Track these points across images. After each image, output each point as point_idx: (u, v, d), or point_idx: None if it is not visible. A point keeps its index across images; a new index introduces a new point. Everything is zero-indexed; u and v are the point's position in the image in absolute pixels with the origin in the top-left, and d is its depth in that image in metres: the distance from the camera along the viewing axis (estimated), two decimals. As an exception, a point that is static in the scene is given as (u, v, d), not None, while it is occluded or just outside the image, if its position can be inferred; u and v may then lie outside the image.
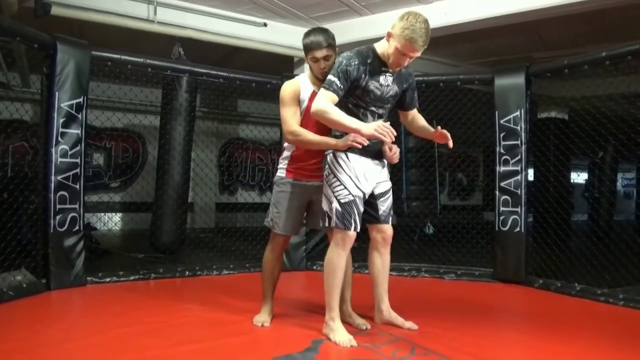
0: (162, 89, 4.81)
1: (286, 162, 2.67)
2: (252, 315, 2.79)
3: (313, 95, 2.55)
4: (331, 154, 2.50)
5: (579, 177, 9.15)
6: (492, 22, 4.45)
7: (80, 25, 4.98)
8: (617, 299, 3.39)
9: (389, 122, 2.34)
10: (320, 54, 2.55)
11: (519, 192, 3.98)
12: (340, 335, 2.39)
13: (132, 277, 3.90)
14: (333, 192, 2.46)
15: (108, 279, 3.79)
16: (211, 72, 4.40)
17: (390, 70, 2.50)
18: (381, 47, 2.48)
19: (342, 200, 2.44)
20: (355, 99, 2.49)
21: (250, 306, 3.11)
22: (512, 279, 4.00)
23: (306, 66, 2.76)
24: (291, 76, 4.88)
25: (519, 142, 4.00)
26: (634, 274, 3.94)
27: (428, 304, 2.79)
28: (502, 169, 4.06)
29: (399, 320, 2.71)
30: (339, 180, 2.46)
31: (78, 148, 3.59)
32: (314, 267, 4.48)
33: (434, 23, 4.62)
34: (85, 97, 3.65)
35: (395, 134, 2.29)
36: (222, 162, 9.00)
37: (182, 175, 4.67)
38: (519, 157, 3.99)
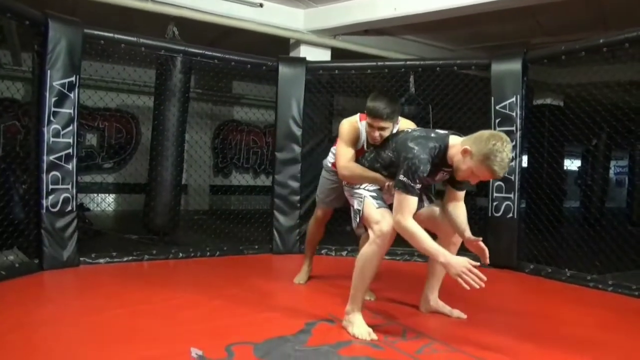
0: (156, 69, 4.75)
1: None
2: (246, 296, 2.80)
3: (360, 148, 2.66)
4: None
5: (572, 164, 9.19)
6: (491, 6, 4.41)
7: (72, 2, 4.88)
8: (606, 285, 3.44)
9: (477, 264, 2.10)
10: (377, 123, 2.45)
11: (512, 178, 4.00)
12: (358, 327, 2.31)
13: (125, 258, 3.91)
14: (360, 186, 2.51)
15: (101, 260, 3.79)
16: (206, 52, 4.35)
17: (447, 170, 2.36)
18: (452, 152, 2.26)
19: (371, 188, 2.48)
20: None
21: (244, 288, 3.13)
22: (503, 264, 4.04)
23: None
24: (287, 59, 4.88)
25: (514, 129, 4.00)
26: (624, 260, 3.99)
27: (418, 288, 2.82)
28: (497, 155, 4.06)
29: (446, 309, 2.73)
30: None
31: (70, 128, 3.56)
32: (308, 250, 4.50)
33: (432, 6, 4.60)
34: (77, 76, 3.60)
35: (485, 280, 2.05)
36: (217, 144, 8.95)
37: (176, 156, 4.65)
38: (514, 143, 3.99)
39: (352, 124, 2.68)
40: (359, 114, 2.72)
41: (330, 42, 5.58)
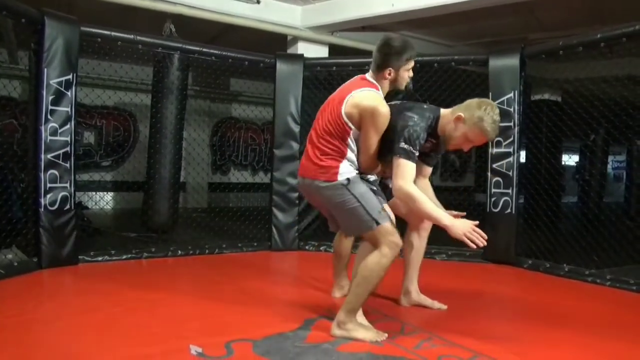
0: (153, 66, 4.74)
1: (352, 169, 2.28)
2: (245, 293, 2.81)
3: None
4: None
5: (570, 160, 9.19)
6: (488, 2, 4.41)
7: (69, 0, 4.86)
8: (604, 280, 3.45)
9: (476, 222, 2.14)
10: (413, 65, 2.35)
11: (510, 173, 4.00)
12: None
13: (124, 256, 3.91)
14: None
15: (100, 258, 3.79)
16: (203, 49, 4.34)
17: (435, 141, 2.40)
18: (443, 122, 2.32)
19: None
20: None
21: (243, 285, 3.13)
22: (502, 260, 4.05)
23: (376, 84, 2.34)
24: (285, 55, 4.87)
25: (512, 124, 4.00)
26: (621, 255, 4.01)
27: (420, 284, 2.83)
28: (495, 150, 4.07)
29: (427, 301, 2.75)
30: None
31: (68, 126, 3.55)
32: (306, 247, 4.50)
33: (429, 2, 4.59)
34: (74, 74, 3.59)
35: (486, 238, 2.09)
36: (215, 141, 8.95)
37: (174, 154, 4.64)
38: (512, 139, 4.00)
39: (384, 102, 2.24)
40: (375, 91, 2.27)
41: (328, 38, 5.57)
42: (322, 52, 5.57)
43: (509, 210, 4.01)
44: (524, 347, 2.20)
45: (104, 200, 7.19)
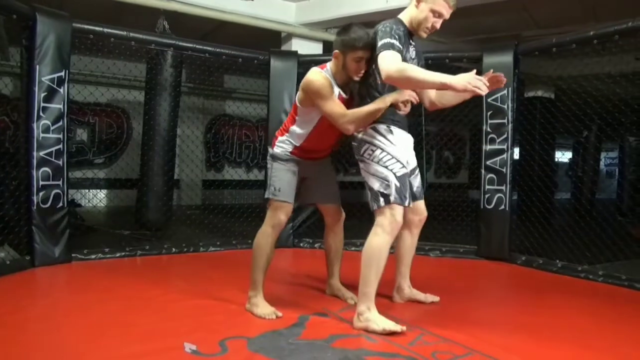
0: (147, 63, 4.71)
1: (291, 146, 2.52)
2: (239, 291, 2.80)
3: (340, 98, 2.38)
4: (370, 129, 2.34)
5: (563, 156, 9.26)
6: (483, -1, 4.42)
7: (60, -5, 4.82)
8: (596, 276, 3.48)
9: (474, 71, 2.15)
10: (365, 54, 2.30)
11: (504, 170, 4.02)
12: (382, 322, 2.24)
13: (117, 254, 3.89)
14: (387, 167, 2.29)
15: (93, 256, 3.77)
16: (196, 46, 4.31)
17: (414, 44, 2.43)
18: (408, 16, 2.40)
19: (399, 174, 2.30)
20: None
21: (236, 283, 3.12)
22: (495, 256, 4.07)
23: (329, 63, 2.43)
24: (279, 52, 4.85)
25: (505, 121, 4.01)
26: (614, 251, 4.04)
27: (413, 281, 2.83)
28: (489, 147, 4.09)
29: (420, 295, 2.77)
30: (389, 154, 2.31)
31: (60, 123, 3.52)
32: (301, 245, 4.51)
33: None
34: (66, 71, 3.56)
35: (488, 85, 2.15)
36: (209, 138, 8.92)
37: (168, 151, 4.62)
38: (505, 135, 4.02)
39: (325, 77, 2.35)
40: (317, 67, 2.43)
41: (322, 35, 5.56)
42: (316, 48, 5.56)
43: (502, 207, 4.03)
44: (518, 343, 2.21)
45: (97, 198, 7.16)
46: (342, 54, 2.34)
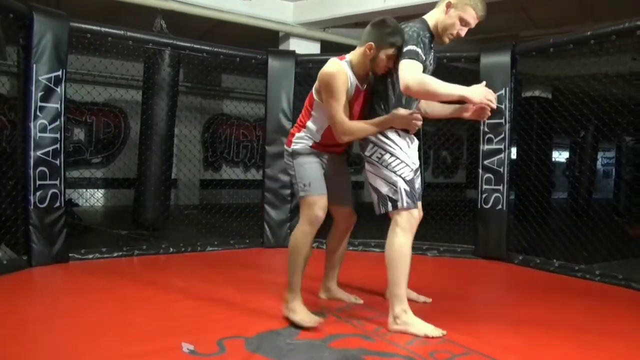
0: (144, 62, 4.70)
1: (311, 141, 2.41)
2: (237, 290, 2.80)
3: (357, 91, 2.33)
4: (379, 134, 2.31)
5: (560, 156, 9.29)
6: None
7: (57, -5, 4.81)
8: (593, 275, 3.49)
9: (484, 83, 2.23)
10: (397, 52, 2.25)
11: (501, 170, 4.03)
12: (422, 327, 2.23)
13: (115, 254, 3.88)
14: (396, 172, 2.28)
15: (91, 256, 3.76)
16: (194, 46, 4.31)
17: (434, 48, 2.40)
18: (434, 19, 2.36)
19: (407, 178, 2.29)
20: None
21: (235, 282, 3.13)
22: (493, 256, 4.08)
23: (349, 54, 2.38)
24: (276, 52, 4.85)
25: (503, 121, 4.02)
26: (610, 250, 4.05)
27: (410, 281, 2.83)
28: (486, 147, 4.10)
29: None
30: (398, 158, 2.29)
31: (57, 123, 3.51)
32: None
33: (421, -1, 4.58)
34: (64, 70, 3.55)
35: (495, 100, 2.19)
36: (206, 138, 8.91)
37: (165, 151, 4.61)
38: (503, 135, 4.03)
39: (342, 71, 2.27)
40: (336, 58, 2.35)
41: (320, 34, 5.56)
42: (314, 48, 5.56)
43: (500, 207, 4.04)
44: (515, 342, 2.22)
45: (95, 198, 7.14)
46: (377, 48, 2.26)
